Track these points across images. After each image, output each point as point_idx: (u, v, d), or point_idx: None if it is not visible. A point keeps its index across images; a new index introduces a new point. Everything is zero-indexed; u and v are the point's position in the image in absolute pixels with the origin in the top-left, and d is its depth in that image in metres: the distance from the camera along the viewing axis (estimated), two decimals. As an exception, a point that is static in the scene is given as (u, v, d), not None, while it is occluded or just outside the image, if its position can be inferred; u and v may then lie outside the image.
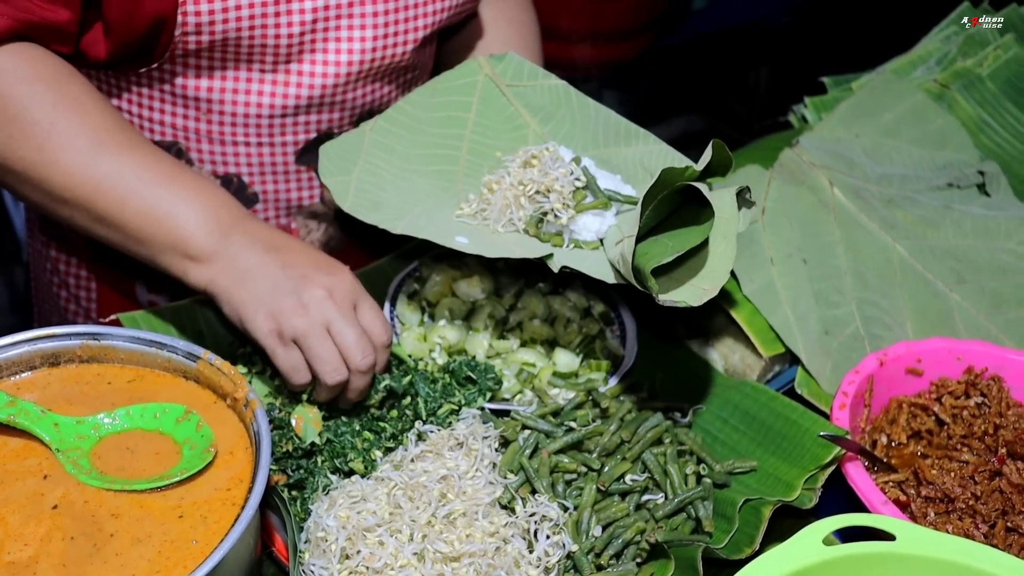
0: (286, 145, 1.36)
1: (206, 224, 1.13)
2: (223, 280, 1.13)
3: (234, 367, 1.05)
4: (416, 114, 1.33)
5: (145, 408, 1.03)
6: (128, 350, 1.07)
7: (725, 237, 1.11)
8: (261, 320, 1.11)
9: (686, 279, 1.10)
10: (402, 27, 1.32)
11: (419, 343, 1.27)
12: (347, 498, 1.07)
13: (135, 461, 0.99)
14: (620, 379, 1.27)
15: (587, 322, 1.32)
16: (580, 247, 1.19)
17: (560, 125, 1.34)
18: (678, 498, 1.12)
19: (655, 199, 1.09)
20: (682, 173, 1.10)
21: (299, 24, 1.25)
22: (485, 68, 1.37)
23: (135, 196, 1.13)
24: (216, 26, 1.21)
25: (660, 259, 1.07)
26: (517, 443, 1.15)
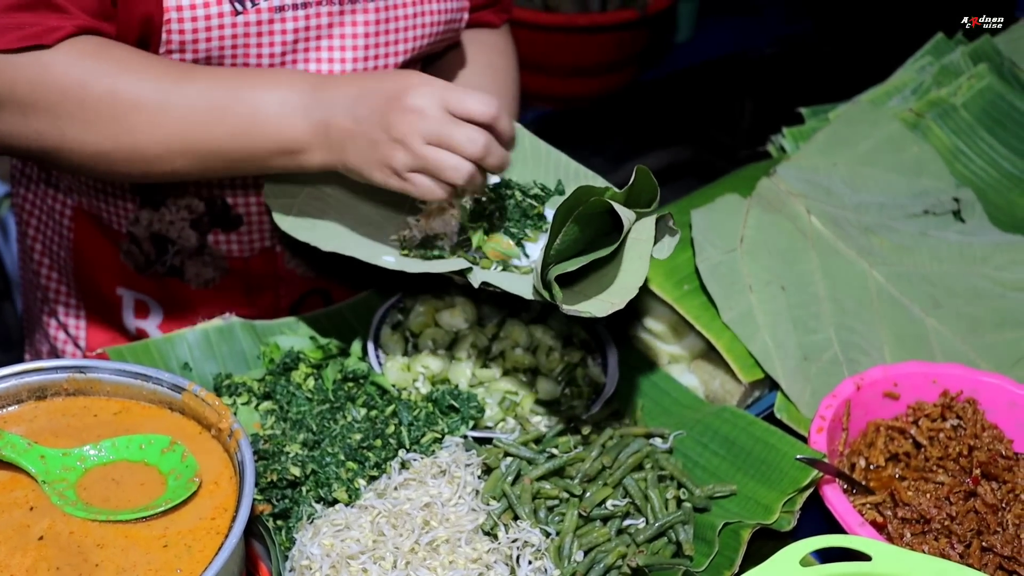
0: None
1: (287, 116, 1.15)
2: (332, 157, 1.16)
3: (219, 398, 1.06)
4: None
5: (130, 440, 1.04)
6: (114, 383, 1.09)
7: (640, 258, 1.15)
8: (378, 174, 1.15)
9: (595, 294, 1.14)
10: (383, 51, 1.34)
11: (403, 373, 1.28)
12: (331, 526, 1.09)
13: (120, 492, 1.00)
14: (601, 406, 1.29)
15: (569, 350, 1.34)
16: (512, 270, 1.24)
17: (513, 166, 1.35)
18: (659, 522, 1.14)
19: (568, 215, 1.12)
20: (598, 191, 1.12)
21: (280, 44, 1.27)
22: None
23: (217, 121, 1.15)
24: (200, 44, 1.23)
25: (564, 269, 1.11)
26: (499, 470, 1.16)
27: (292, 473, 1.14)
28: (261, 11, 1.24)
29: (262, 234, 1.42)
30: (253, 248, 1.43)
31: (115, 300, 1.47)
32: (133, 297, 1.47)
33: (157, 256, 1.42)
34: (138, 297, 1.47)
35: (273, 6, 1.24)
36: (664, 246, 1.17)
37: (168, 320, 1.47)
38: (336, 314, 1.41)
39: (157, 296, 1.46)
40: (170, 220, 1.39)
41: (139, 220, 1.40)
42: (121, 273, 1.45)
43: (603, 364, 1.35)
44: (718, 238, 1.46)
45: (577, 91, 2.81)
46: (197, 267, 1.43)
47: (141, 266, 1.44)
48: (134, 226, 1.41)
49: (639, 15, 2.68)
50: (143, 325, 1.48)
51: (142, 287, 1.46)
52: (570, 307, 1.09)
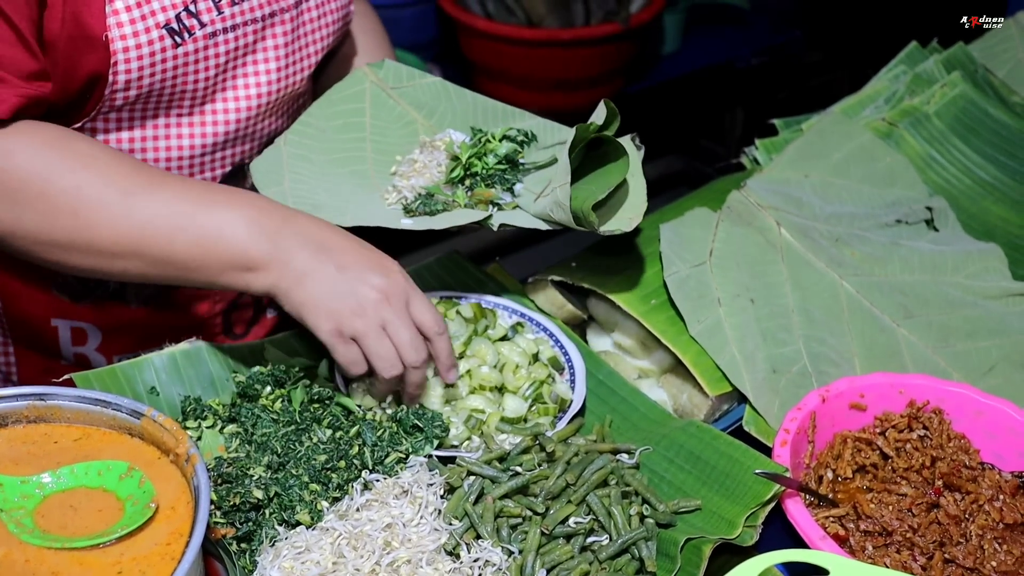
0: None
1: (254, 235, 1.18)
2: (282, 283, 1.19)
3: (176, 423, 1.07)
4: (319, 124, 1.48)
5: (89, 466, 1.05)
6: (74, 409, 1.09)
7: (634, 175, 1.34)
8: (322, 321, 1.19)
9: (612, 214, 1.32)
10: (300, 55, 1.42)
11: (369, 392, 1.29)
12: (291, 549, 1.09)
13: (78, 519, 1.01)
14: (568, 422, 1.29)
15: (536, 367, 1.34)
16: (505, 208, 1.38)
17: (444, 116, 1.54)
18: (622, 539, 1.14)
19: (576, 151, 1.30)
20: (589, 128, 1.31)
21: (215, 67, 1.33)
22: (370, 76, 1.55)
23: (180, 231, 1.17)
24: (144, 80, 1.27)
25: (594, 198, 1.27)
26: (462, 489, 1.17)
27: (255, 496, 1.14)
28: (197, 40, 1.29)
29: None
30: None
31: (50, 332, 1.49)
32: (69, 326, 1.48)
33: (96, 283, 1.44)
34: (74, 325, 1.48)
35: (207, 33, 1.30)
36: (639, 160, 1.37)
37: (107, 342, 1.50)
38: (305, 335, 1.42)
39: (95, 321, 1.49)
40: None
41: None
42: (55, 306, 1.47)
43: (571, 380, 1.36)
44: (687, 252, 1.47)
45: (562, 105, 2.82)
46: (137, 287, 1.46)
47: (78, 295, 1.46)
48: None
49: (622, 28, 2.69)
50: (82, 351, 1.50)
51: (78, 315, 1.48)
52: (605, 228, 1.28)
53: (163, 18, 1.26)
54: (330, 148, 1.46)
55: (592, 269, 1.46)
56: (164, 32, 1.26)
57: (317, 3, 1.44)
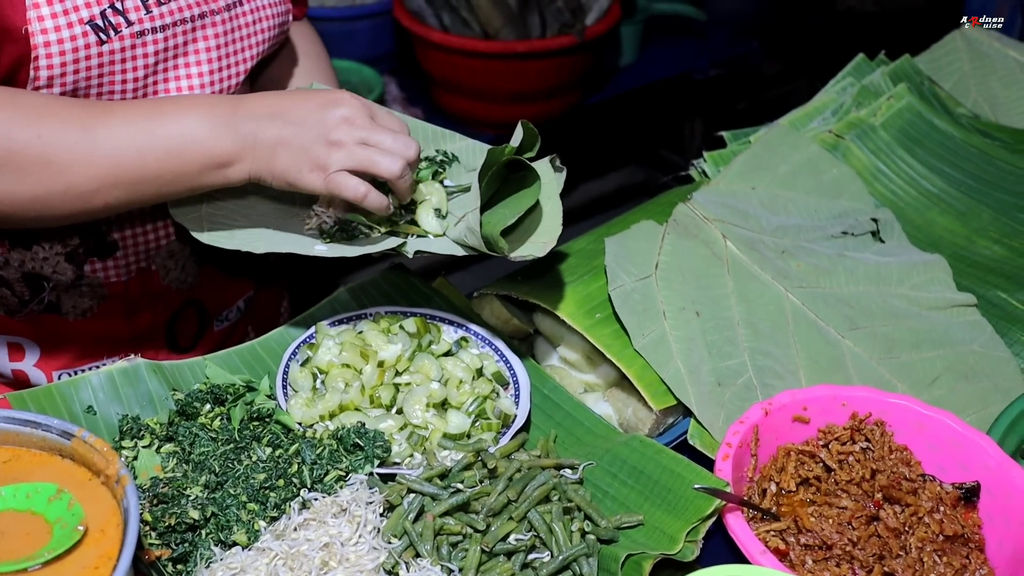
0: None
1: (214, 132, 1.23)
2: (259, 165, 1.25)
3: (107, 444, 1.05)
4: None
5: (17, 488, 1.03)
6: (3, 431, 1.07)
7: (550, 198, 1.33)
8: (309, 176, 1.24)
9: (526, 238, 1.31)
10: (233, 59, 1.41)
11: (308, 409, 1.28)
12: (227, 570, 1.08)
13: (4, 543, 0.99)
14: (512, 438, 1.28)
15: (480, 383, 1.34)
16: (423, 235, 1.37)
17: None
18: (562, 555, 1.13)
19: (487, 176, 1.28)
20: (503, 152, 1.28)
21: (143, 68, 1.31)
22: None
23: (147, 149, 1.21)
24: (67, 77, 1.26)
25: (504, 223, 1.26)
26: (402, 507, 1.16)
27: (191, 517, 1.12)
28: (124, 38, 1.28)
29: (137, 256, 1.44)
30: (131, 271, 1.45)
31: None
32: (5, 341, 1.46)
33: (32, 295, 1.42)
34: (11, 340, 1.46)
35: (134, 32, 1.29)
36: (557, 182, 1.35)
37: (45, 357, 1.47)
38: (247, 351, 1.41)
39: (31, 335, 1.46)
40: (44, 257, 1.39)
41: (9, 262, 1.39)
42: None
43: (516, 395, 1.35)
44: (632, 265, 1.47)
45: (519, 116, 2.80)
46: (74, 299, 1.44)
47: (13, 308, 1.44)
48: (4, 269, 1.40)
49: (578, 40, 2.70)
50: (19, 367, 1.47)
51: (14, 329, 1.45)
52: (516, 254, 1.27)
53: (87, 14, 1.25)
54: None
55: (537, 283, 1.46)
56: (88, 28, 1.25)
57: (252, 8, 1.43)
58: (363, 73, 2.83)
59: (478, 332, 1.43)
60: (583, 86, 2.95)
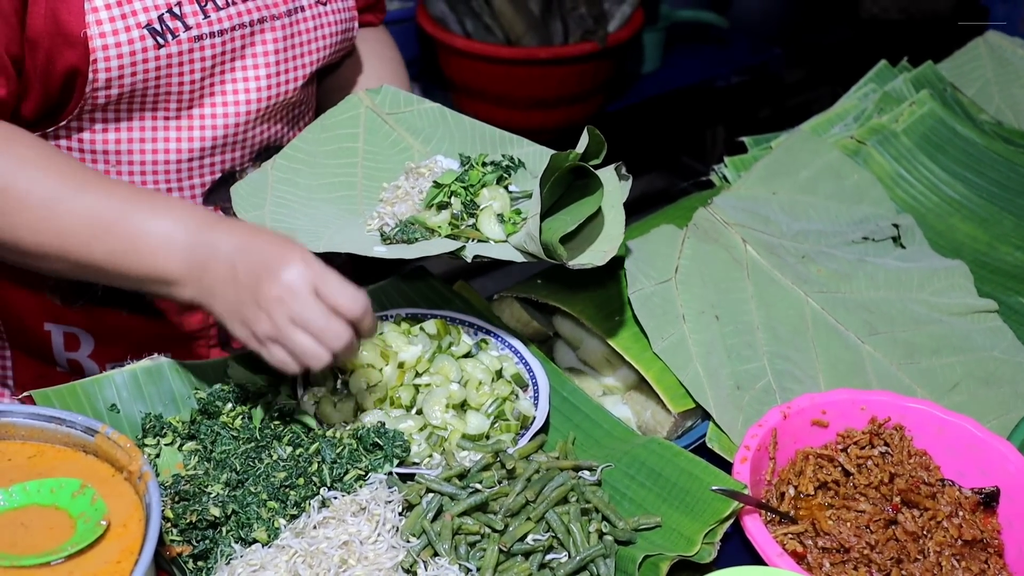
0: (194, 188, 1.43)
1: (170, 248, 1.17)
2: (200, 297, 1.19)
3: (130, 440, 1.07)
4: (310, 150, 1.47)
5: (42, 483, 1.05)
6: (28, 427, 1.09)
7: (613, 206, 1.31)
8: (238, 329, 1.18)
9: (586, 246, 1.28)
10: (292, 64, 1.42)
11: (330, 410, 1.29)
12: (246, 567, 1.09)
13: (28, 537, 1.01)
14: (530, 439, 1.29)
15: (499, 384, 1.34)
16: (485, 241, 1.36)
17: (441, 143, 1.52)
18: (580, 556, 1.14)
19: (548, 181, 1.26)
20: (567, 157, 1.27)
21: (200, 71, 1.33)
22: (365, 101, 1.54)
23: (97, 239, 1.18)
24: (125, 79, 1.28)
25: (564, 230, 1.25)
26: (420, 506, 1.16)
27: (212, 514, 1.14)
28: (182, 42, 1.30)
29: None
30: None
31: (44, 336, 1.48)
32: (62, 331, 1.48)
33: (87, 286, 1.45)
34: (67, 330, 1.48)
35: (192, 36, 1.30)
36: (623, 191, 1.34)
37: (99, 348, 1.50)
38: (270, 353, 1.42)
39: (86, 326, 1.48)
40: None
41: None
42: (47, 309, 1.47)
43: (535, 397, 1.36)
44: (652, 269, 1.47)
45: (540, 123, 2.83)
46: (127, 293, 1.46)
47: (69, 298, 1.46)
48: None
49: (600, 47, 2.71)
50: (74, 356, 1.50)
51: (70, 320, 1.48)
52: (575, 262, 1.25)
53: (144, 18, 1.27)
54: (320, 173, 1.46)
55: (557, 286, 1.47)
56: (145, 32, 1.27)
57: (314, 14, 1.44)
58: (386, 79, 2.85)
59: (498, 334, 1.43)
60: (605, 93, 2.95)
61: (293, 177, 1.43)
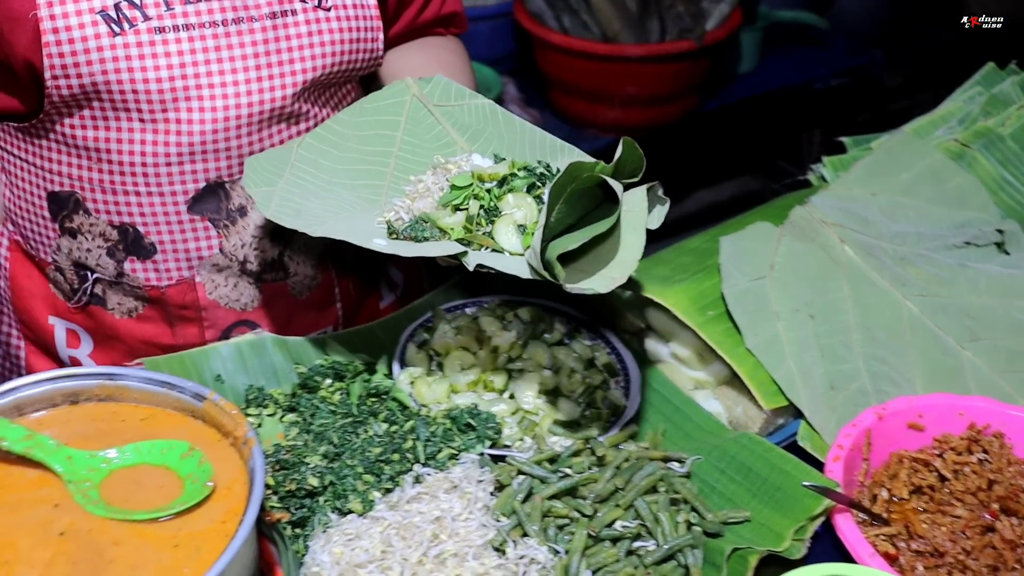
0: (176, 195, 1.39)
1: None
2: None
3: (238, 408, 1.10)
4: (343, 132, 1.39)
5: (153, 444, 1.09)
6: (141, 390, 1.14)
7: (635, 230, 1.15)
8: None
9: (596, 270, 1.14)
10: (278, 71, 1.35)
11: (425, 390, 1.31)
12: (342, 535, 1.12)
13: (140, 493, 1.05)
14: (620, 429, 1.30)
15: (591, 373, 1.36)
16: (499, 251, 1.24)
17: (488, 143, 1.41)
18: (668, 545, 1.14)
19: (563, 192, 1.13)
20: (589, 167, 1.13)
21: (167, 68, 1.30)
22: (413, 89, 1.44)
23: None
24: (81, 68, 1.27)
25: (566, 247, 1.11)
26: (511, 487, 1.18)
27: (310, 484, 1.17)
28: (140, 32, 1.28)
29: (178, 264, 1.44)
30: (170, 278, 1.45)
31: (48, 329, 1.52)
32: (64, 326, 1.52)
33: (80, 284, 1.47)
34: (68, 326, 1.52)
35: (152, 27, 1.28)
36: (655, 216, 1.19)
37: (99, 349, 1.51)
38: (367, 332, 1.45)
39: (85, 325, 1.51)
40: (87, 248, 1.44)
41: (60, 248, 1.46)
42: (51, 302, 1.51)
43: (626, 387, 1.37)
44: (747, 265, 1.47)
45: (634, 121, 2.83)
46: (118, 296, 1.47)
47: (68, 295, 1.50)
48: (57, 254, 1.47)
49: (697, 45, 2.70)
50: (75, 354, 1.52)
51: (71, 317, 1.51)
52: (572, 285, 1.09)
53: (99, 4, 1.25)
54: (348, 157, 1.39)
55: (651, 278, 1.47)
56: (99, 18, 1.25)
57: (308, 19, 1.36)
58: (482, 73, 2.88)
59: (591, 324, 1.45)
60: (700, 92, 2.94)
61: (318, 158, 1.37)
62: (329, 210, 1.29)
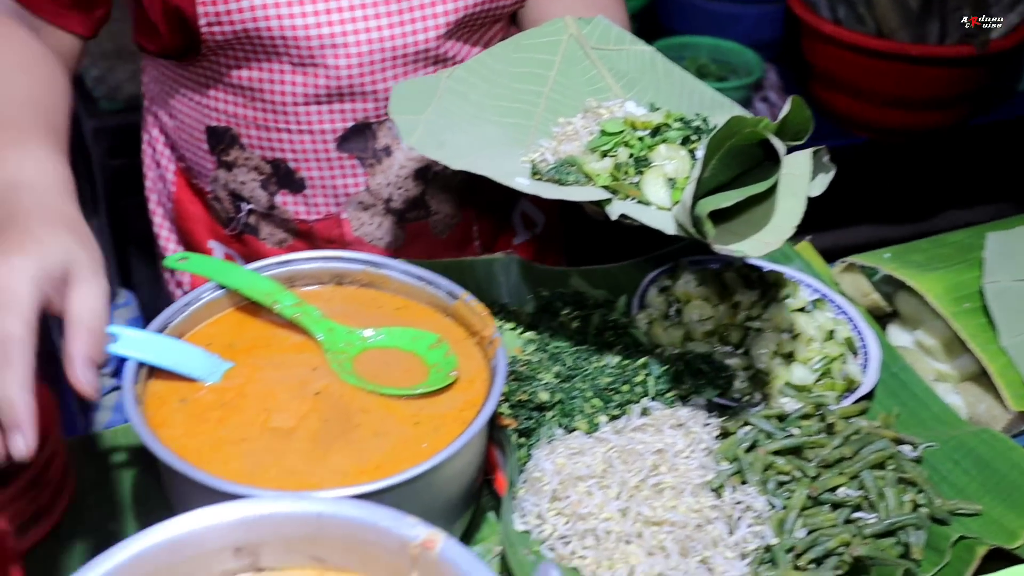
0: (324, 133, 1.45)
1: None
2: None
3: (486, 309, 1.16)
4: (496, 67, 1.35)
5: (405, 331, 1.16)
6: (400, 281, 1.21)
7: (795, 195, 1.08)
8: None
9: (748, 233, 1.07)
10: (419, 14, 1.37)
11: (661, 332, 1.33)
12: (566, 448, 1.15)
13: (388, 372, 1.12)
14: (854, 403, 1.27)
15: (830, 344, 1.33)
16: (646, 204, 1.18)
17: (644, 92, 1.34)
18: (890, 520, 1.12)
19: (721, 146, 1.06)
20: (752, 123, 1.06)
21: (313, 15, 1.34)
22: (571, 28, 1.39)
23: None
24: (233, 15, 1.32)
25: (718, 204, 1.05)
26: (736, 436, 1.18)
27: (541, 398, 1.21)
28: None
29: (326, 199, 1.50)
30: (319, 212, 1.51)
31: (208, 252, 1.60)
32: (223, 250, 1.60)
33: (235, 213, 1.55)
34: (226, 251, 1.60)
35: None
36: (817, 183, 1.12)
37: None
38: (608, 273, 1.48)
39: (240, 252, 1.58)
40: (242, 180, 1.52)
41: (218, 179, 1.54)
42: (211, 228, 1.59)
43: (864, 366, 1.33)
44: (1013, 265, 1.40)
45: (896, 123, 2.73)
46: (270, 227, 1.54)
47: (224, 222, 1.58)
48: (215, 184, 1.55)
49: (978, 52, 2.57)
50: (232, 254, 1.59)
51: (229, 243, 1.59)
52: (721, 245, 1.04)
53: None
54: (498, 93, 1.34)
55: (906, 264, 1.43)
56: None
57: None
58: (745, 55, 2.85)
59: (834, 299, 1.42)
60: (972, 103, 2.80)
61: (468, 90, 1.33)
62: (473, 144, 1.27)
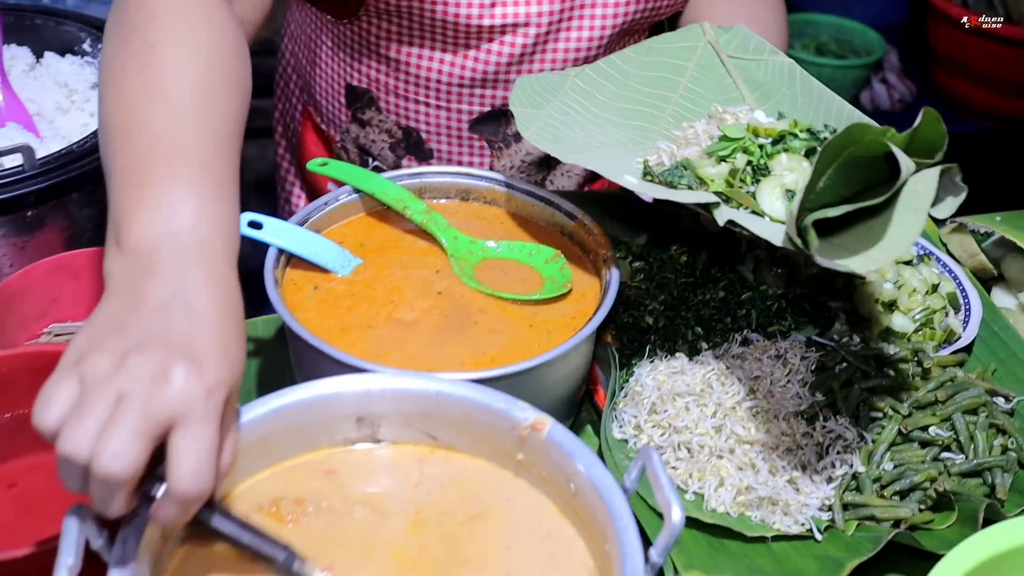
0: (461, 112, 1.52)
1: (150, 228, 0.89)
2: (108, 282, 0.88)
3: (603, 230, 1.22)
4: (626, 69, 1.35)
5: (524, 245, 1.24)
6: (523, 200, 1.28)
7: (915, 212, 1.00)
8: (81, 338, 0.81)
9: (861, 249, 1.00)
10: (585, 12, 1.43)
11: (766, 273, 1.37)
12: (667, 367, 1.21)
13: (506, 279, 1.20)
14: (950, 354, 1.30)
15: (932, 297, 1.36)
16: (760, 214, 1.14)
17: (779, 104, 1.32)
18: (978, 460, 1.15)
19: (838, 155, 1.00)
20: (876, 132, 1.00)
21: (479, 6, 1.40)
22: (708, 35, 1.37)
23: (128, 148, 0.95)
24: None
25: (824, 214, 0.99)
26: (834, 371, 1.23)
27: (646, 321, 1.27)
28: None
29: None
30: None
31: (323, 192, 1.65)
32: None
33: (360, 165, 1.61)
34: None
35: None
36: (945, 205, 1.04)
37: None
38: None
39: None
40: (372, 139, 1.59)
41: (349, 132, 1.61)
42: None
43: (965, 321, 1.36)
44: (1126, 235, 1.40)
45: (1018, 112, 2.70)
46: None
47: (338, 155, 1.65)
48: (345, 136, 1.62)
49: (1112, 42, 2.53)
50: None
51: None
52: (826, 259, 0.97)
53: None
54: (625, 96, 1.33)
55: (1019, 226, 1.44)
56: None
57: None
58: (867, 35, 2.85)
59: (940, 257, 1.44)
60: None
61: (594, 90, 1.33)
62: (589, 142, 1.26)
